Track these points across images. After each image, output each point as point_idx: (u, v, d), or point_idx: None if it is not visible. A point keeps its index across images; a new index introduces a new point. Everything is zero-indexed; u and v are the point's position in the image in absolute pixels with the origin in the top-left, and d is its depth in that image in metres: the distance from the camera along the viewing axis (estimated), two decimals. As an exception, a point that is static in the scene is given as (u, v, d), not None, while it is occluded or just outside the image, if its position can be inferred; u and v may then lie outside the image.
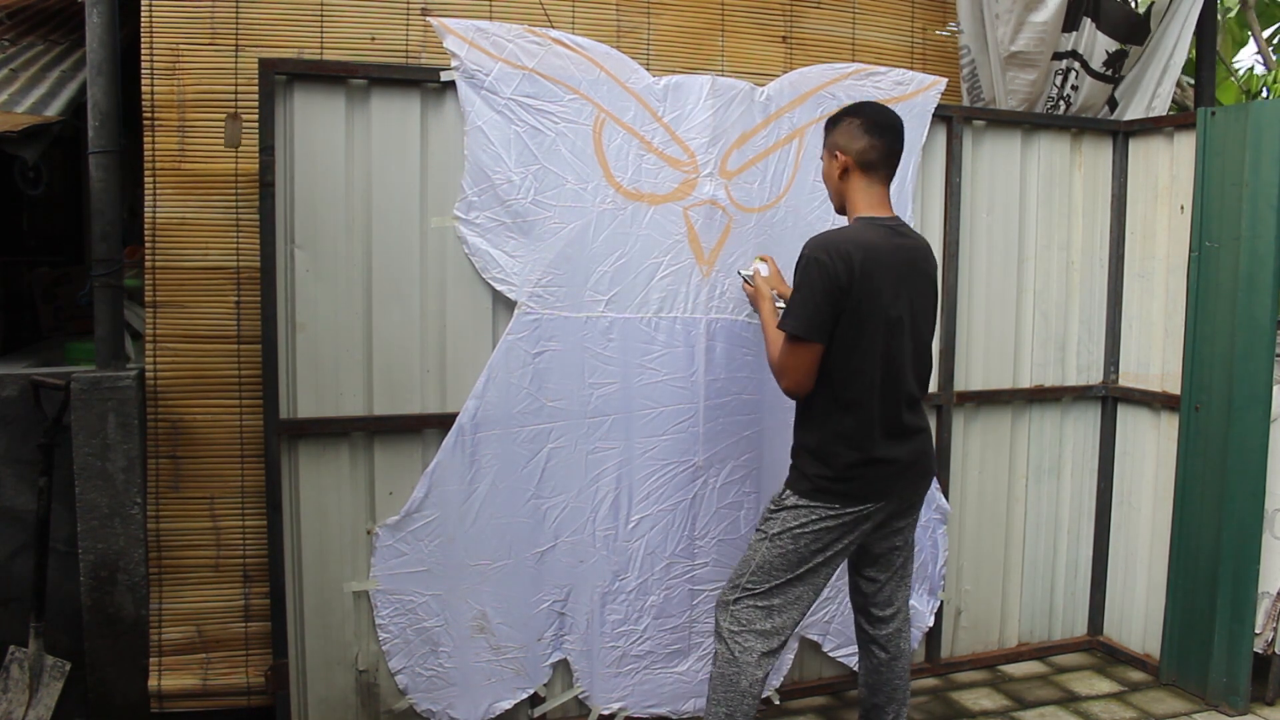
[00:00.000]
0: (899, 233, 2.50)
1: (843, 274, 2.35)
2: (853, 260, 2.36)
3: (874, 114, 2.53)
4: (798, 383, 2.44)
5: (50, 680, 3.00)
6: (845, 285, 2.36)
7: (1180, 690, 3.39)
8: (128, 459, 2.97)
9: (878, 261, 2.39)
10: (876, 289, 2.39)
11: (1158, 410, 3.54)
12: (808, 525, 2.47)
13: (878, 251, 2.40)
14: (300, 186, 2.74)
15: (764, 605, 2.50)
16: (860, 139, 2.50)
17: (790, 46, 3.58)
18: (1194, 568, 3.34)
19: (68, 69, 3.66)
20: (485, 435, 2.87)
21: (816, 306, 2.36)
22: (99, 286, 3.01)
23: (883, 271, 2.40)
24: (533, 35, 2.84)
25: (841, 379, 2.43)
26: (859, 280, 2.36)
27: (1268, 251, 3.11)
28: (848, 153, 2.51)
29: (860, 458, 2.44)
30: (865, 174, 2.51)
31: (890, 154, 2.52)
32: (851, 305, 2.37)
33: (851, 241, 2.40)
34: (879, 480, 2.47)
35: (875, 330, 2.40)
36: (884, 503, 2.50)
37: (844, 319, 2.38)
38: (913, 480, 2.56)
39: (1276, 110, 3.11)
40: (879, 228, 2.46)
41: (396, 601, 2.86)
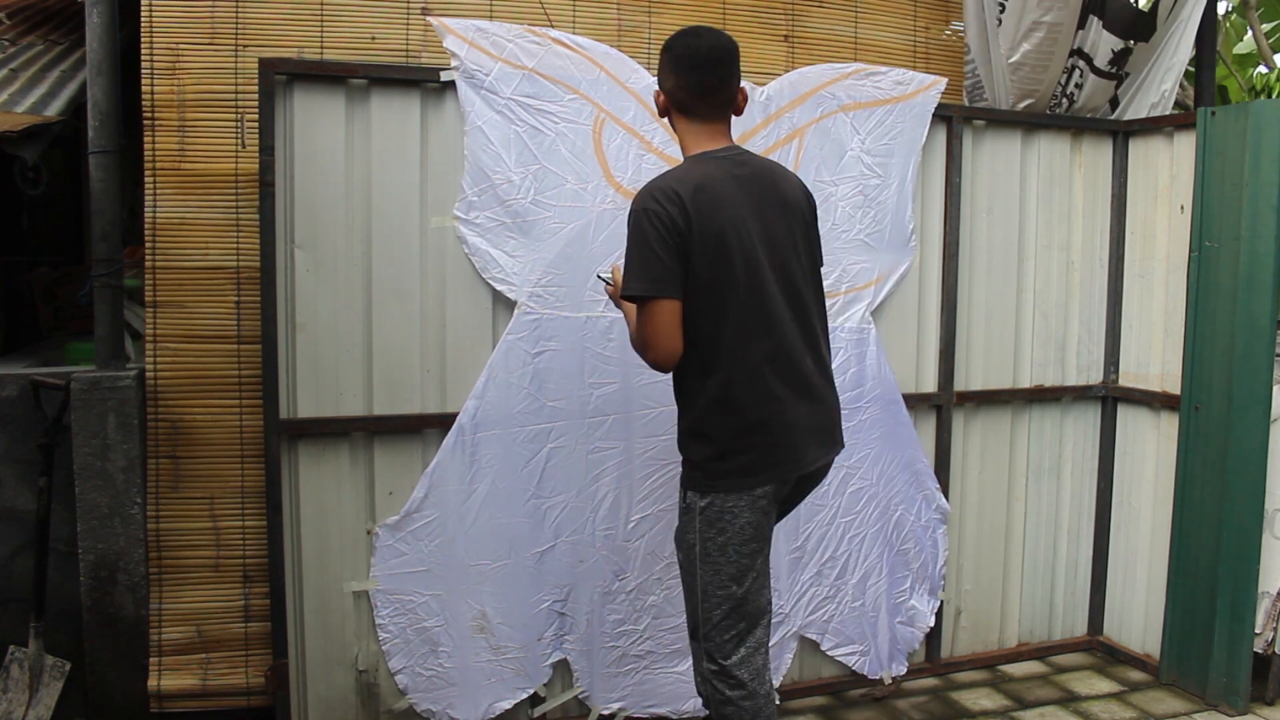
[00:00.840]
0: (739, 161, 2.22)
1: (676, 215, 2.09)
2: (682, 199, 2.09)
3: (681, 48, 2.24)
4: (664, 349, 2.12)
5: (50, 680, 3.00)
6: (681, 228, 2.09)
7: (1180, 690, 3.39)
8: (128, 459, 2.97)
9: (714, 195, 2.13)
10: (721, 224, 2.12)
11: (1158, 410, 3.54)
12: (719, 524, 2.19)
13: (712, 184, 2.14)
14: (300, 186, 2.74)
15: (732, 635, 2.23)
16: (668, 77, 2.25)
17: (792, 45, 3.58)
18: (1194, 568, 3.34)
19: (68, 69, 3.66)
20: (485, 435, 2.87)
21: (656, 257, 2.09)
22: (99, 286, 3.01)
23: (724, 202, 2.13)
24: (533, 35, 2.84)
25: (705, 338, 2.15)
26: (695, 219, 2.09)
27: (1268, 251, 3.11)
28: (662, 90, 2.28)
29: (745, 422, 2.16)
30: (684, 115, 2.25)
31: (704, 90, 2.21)
32: (696, 249, 2.10)
33: (679, 180, 2.14)
34: (776, 446, 2.19)
35: (731, 269, 2.13)
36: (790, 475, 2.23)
37: (694, 265, 2.11)
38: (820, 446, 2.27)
39: (1276, 110, 3.11)
40: (711, 160, 2.20)
41: (396, 601, 2.86)
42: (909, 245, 3.30)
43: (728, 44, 2.25)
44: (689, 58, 2.23)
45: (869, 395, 3.24)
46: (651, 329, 2.13)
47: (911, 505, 3.36)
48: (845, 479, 3.25)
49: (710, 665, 2.26)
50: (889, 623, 3.36)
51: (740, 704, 2.22)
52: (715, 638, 2.24)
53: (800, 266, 2.26)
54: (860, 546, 3.30)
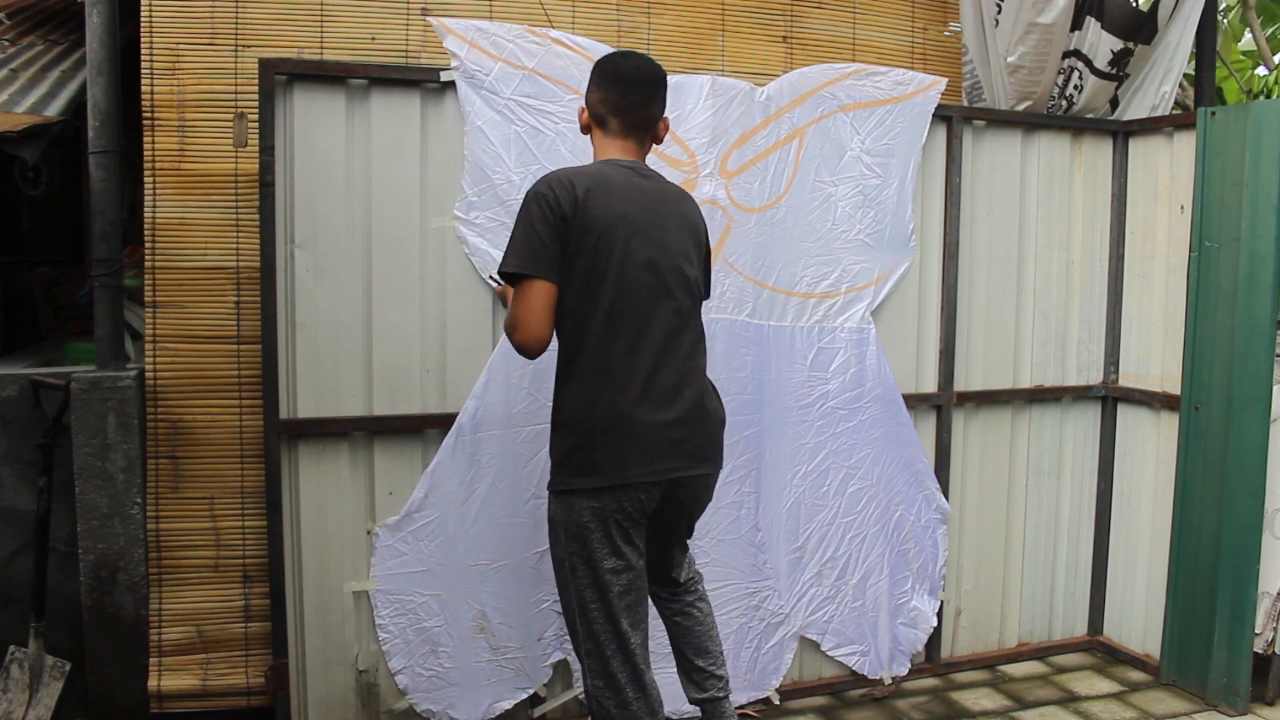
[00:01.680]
0: (642, 174, 2.26)
1: (564, 201, 2.11)
2: (575, 188, 2.12)
3: (609, 65, 2.30)
4: (531, 330, 2.10)
5: (50, 680, 3.00)
6: (567, 213, 2.10)
7: (1180, 690, 3.39)
8: (128, 459, 2.97)
9: (607, 192, 2.15)
10: (605, 217, 2.13)
11: (1158, 410, 3.54)
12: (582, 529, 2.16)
13: (608, 182, 2.16)
14: (300, 186, 2.74)
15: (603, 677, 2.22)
16: (592, 91, 2.31)
17: (791, 46, 3.58)
18: (1194, 568, 3.34)
19: (68, 69, 3.66)
20: (485, 435, 2.87)
21: (537, 237, 2.10)
22: (99, 286, 3.01)
23: (614, 199, 2.15)
24: (533, 35, 2.84)
25: (578, 329, 2.14)
26: (582, 208, 2.11)
27: (1268, 251, 3.11)
28: (586, 104, 2.35)
29: (615, 418, 2.13)
30: (601, 129, 2.30)
31: (621, 106, 2.25)
32: (577, 236, 2.11)
33: (575, 172, 2.19)
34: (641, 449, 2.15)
35: (608, 263, 2.13)
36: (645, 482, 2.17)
37: (572, 254, 2.12)
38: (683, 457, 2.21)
39: (1276, 110, 3.11)
40: (615, 165, 2.24)
41: (396, 601, 2.86)
42: (909, 245, 3.30)
43: (655, 71, 2.30)
44: (613, 73, 2.28)
45: (869, 395, 3.25)
46: (524, 309, 2.11)
47: (911, 505, 3.36)
48: (845, 479, 3.25)
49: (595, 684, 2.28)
50: (889, 623, 3.36)
51: None
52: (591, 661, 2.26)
53: (689, 278, 2.25)
54: (860, 547, 3.30)
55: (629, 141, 2.29)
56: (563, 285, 2.13)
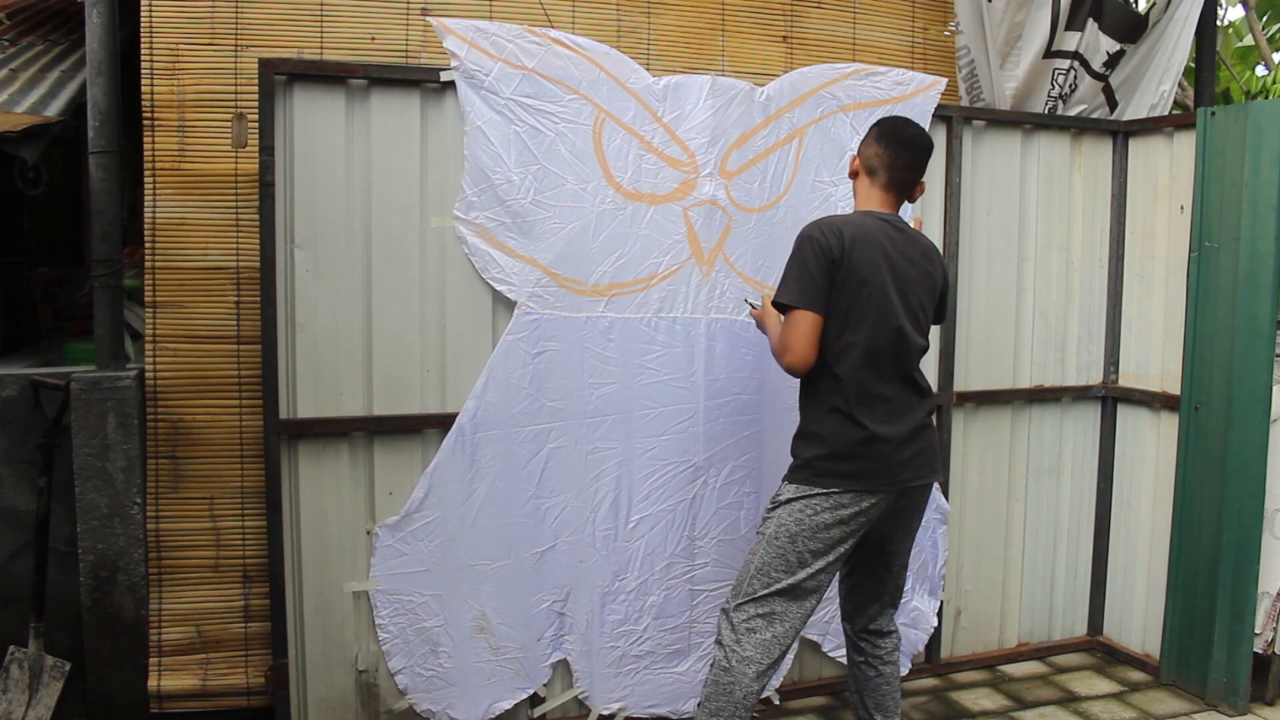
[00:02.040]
0: (896, 226, 2.54)
1: (834, 246, 2.41)
2: (844, 235, 2.43)
3: (890, 126, 2.60)
4: (799, 355, 2.43)
5: (50, 680, 3.00)
6: (836, 257, 2.41)
7: (1180, 690, 3.39)
8: (128, 459, 2.97)
9: (869, 240, 2.45)
10: (867, 264, 2.43)
11: (1157, 410, 3.54)
12: (805, 520, 2.44)
13: (870, 232, 2.47)
14: (300, 186, 2.74)
15: (764, 612, 2.46)
16: (870, 145, 2.59)
17: (791, 46, 3.58)
18: (1194, 568, 3.34)
19: (68, 69, 3.66)
20: (485, 435, 2.87)
21: (810, 277, 2.42)
22: (99, 286, 3.01)
23: (874, 250, 2.45)
24: (533, 35, 2.84)
25: (836, 354, 2.44)
26: (849, 252, 2.41)
27: (1268, 251, 3.11)
28: (860, 156, 2.62)
29: (859, 435, 2.43)
30: (869, 178, 2.59)
31: (893, 164, 2.55)
32: (842, 277, 2.42)
33: (844, 221, 2.49)
34: (878, 460, 2.44)
35: (868, 304, 2.43)
36: (883, 493, 2.46)
37: (837, 292, 2.43)
38: (915, 469, 2.50)
39: (1276, 110, 3.11)
40: (874, 217, 2.53)
41: (396, 601, 2.86)
42: (909, 245, 3.30)
43: (929, 142, 2.62)
44: (895, 135, 2.57)
45: (869, 395, 3.25)
46: (793, 336, 2.43)
47: (911, 505, 3.36)
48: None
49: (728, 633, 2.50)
50: (889, 623, 3.36)
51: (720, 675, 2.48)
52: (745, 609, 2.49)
53: (919, 326, 2.55)
54: (860, 546, 3.30)
55: (890, 195, 2.57)
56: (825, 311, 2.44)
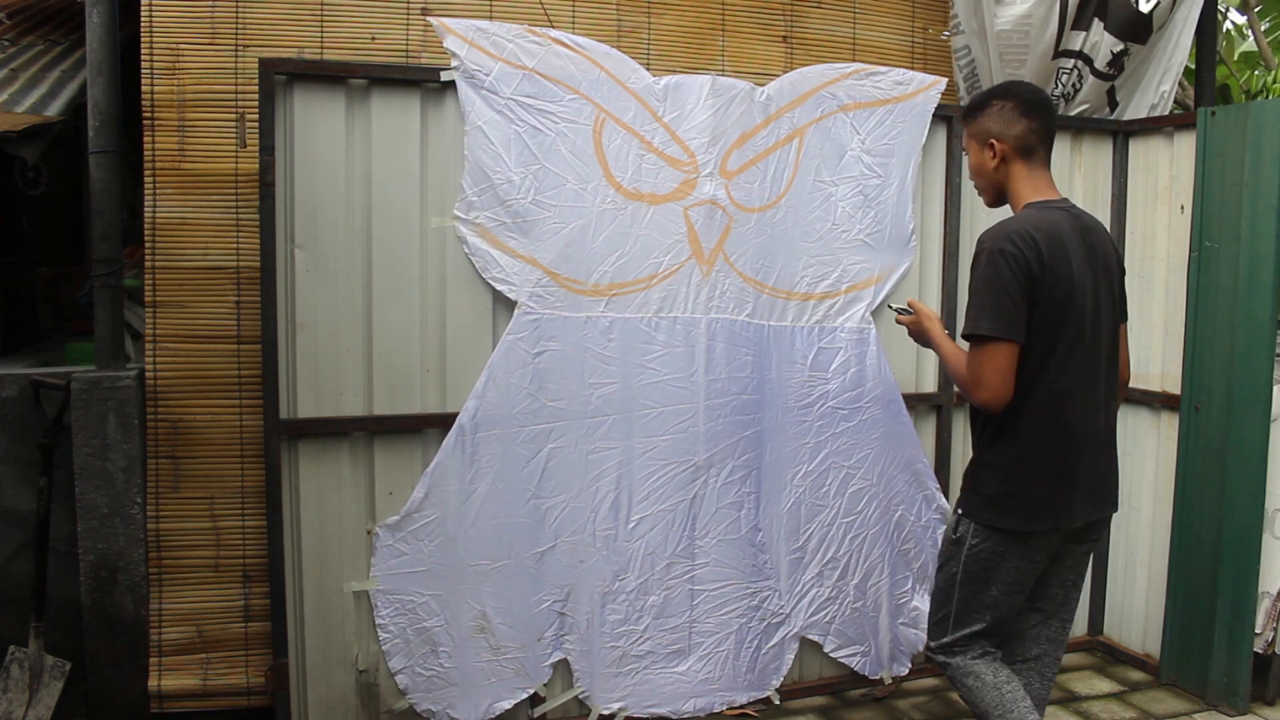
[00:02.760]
0: (1074, 215, 2.29)
1: (1033, 261, 2.12)
2: (1039, 245, 2.14)
3: (1028, 93, 2.31)
4: (999, 390, 2.14)
5: (50, 680, 3.00)
6: (1037, 274, 2.13)
7: (1180, 690, 3.39)
8: (128, 459, 2.97)
9: (1063, 244, 2.18)
10: (1068, 277, 2.17)
11: (1158, 410, 3.54)
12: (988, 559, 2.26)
13: (1062, 234, 2.19)
14: (300, 186, 2.74)
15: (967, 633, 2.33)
16: (1018, 122, 2.29)
17: (791, 46, 3.58)
18: (1194, 568, 3.34)
19: (68, 69, 3.65)
20: (485, 435, 2.87)
21: (1011, 300, 2.12)
22: (99, 286, 3.01)
23: (1069, 254, 2.18)
24: (533, 35, 2.84)
25: (1026, 382, 2.18)
26: (1050, 267, 2.14)
27: (1268, 251, 3.11)
28: (1004, 139, 2.30)
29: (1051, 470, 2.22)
30: (1025, 158, 2.30)
31: (1050, 134, 2.31)
32: (1043, 297, 2.14)
33: (1034, 226, 2.17)
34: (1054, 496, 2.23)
35: (1066, 325, 2.18)
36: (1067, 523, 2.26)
37: (1035, 314, 2.15)
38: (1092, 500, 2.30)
39: (1276, 110, 3.11)
40: (1055, 210, 2.25)
41: (396, 601, 2.86)
42: (909, 245, 3.30)
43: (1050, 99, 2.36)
44: (1038, 104, 2.29)
45: (869, 395, 3.24)
46: (991, 369, 2.14)
47: (912, 505, 3.36)
48: (846, 479, 3.25)
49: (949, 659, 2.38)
50: (890, 623, 3.36)
51: None
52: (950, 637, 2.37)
53: (1112, 325, 2.31)
54: (861, 547, 3.30)
55: (1047, 171, 2.32)
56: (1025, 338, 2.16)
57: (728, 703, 3.18)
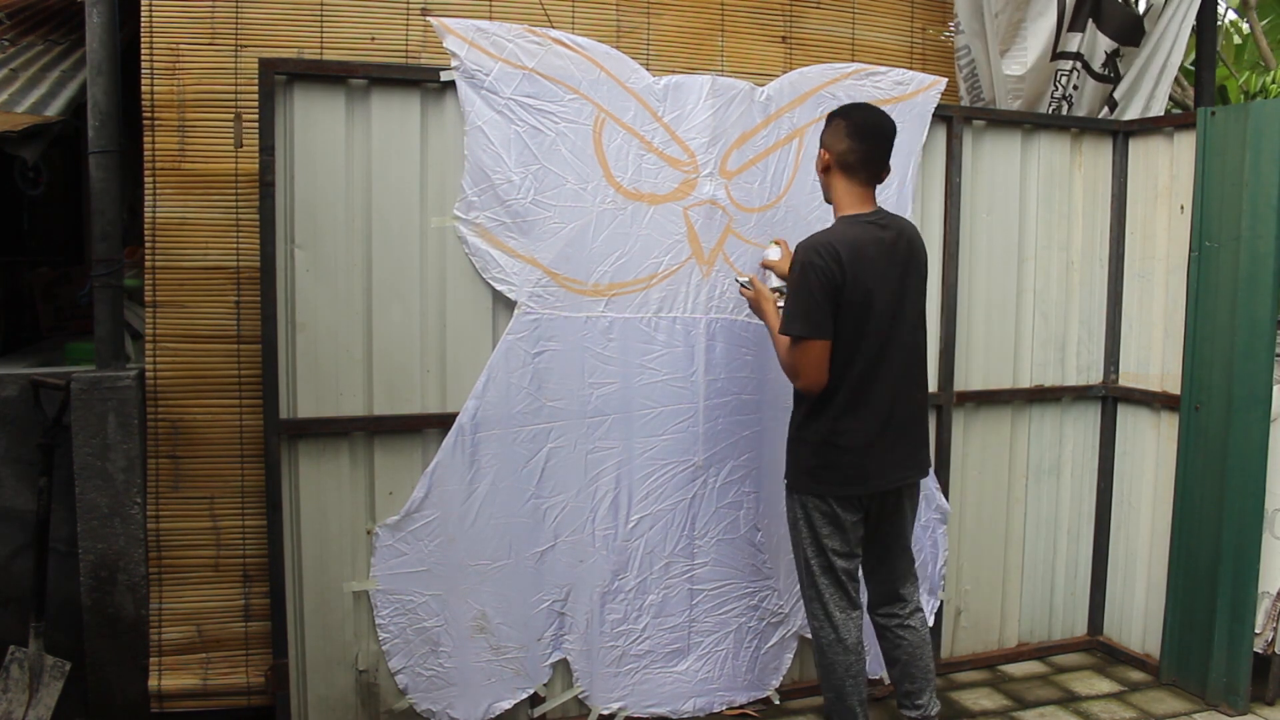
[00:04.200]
0: (881, 225, 2.61)
1: (836, 273, 2.50)
2: (841, 258, 2.50)
3: (860, 117, 2.63)
4: (814, 379, 2.55)
5: (50, 680, 3.00)
6: (839, 283, 2.50)
7: (1180, 690, 3.39)
8: (128, 459, 2.97)
9: (864, 256, 2.53)
10: (865, 283, 2.52)
11: (1158, 410, 3.54)
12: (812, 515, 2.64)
13: (863, 246, 2.55)
14: (300, 186, 2.74)
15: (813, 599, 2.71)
16: (842, 141, 2.61)
17: (790, 46, 3.58)
18: (1194, 568, 3.34)
19: (68, 69, 3.66)
20: (485, 435, 2.87)
21: (816, 305, 2.50)
22: (99, 286, 3.01)
23: (868, 265, 2.53)
24: (533, 35, 2.84)
25: (841, 371, 2.56)
26: (848, 275, 2.50)
27: (1268, 251, 3.11)
28: (830, 151, 2.64)
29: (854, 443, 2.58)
30: (844, 174, 2.63)
31: (869, 159, 2.60)
32: (845, 300, 2.51)
33: (839, 240, 2.55)
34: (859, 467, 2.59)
35: (865, 320, 2.54)
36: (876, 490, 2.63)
37: (840, 314, 2.52)
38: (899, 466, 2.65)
39: (1276, 110, 3.11)
40: (860, 224, 2.60)
41: (396, 601, 2.86)
42: (909, 245, 3.30)
43: (893, 124, 2.66)
44: (865, 129, 2.60)
45: (869, 395, 3.25)
46: (805, 363, 2.55)
47: (911, 505, 3.36)
48: (845, 479, 3.25)
49: None
50: (889, 623, 3.36)
51: None
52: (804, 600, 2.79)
53: (916, 316, 2.68)
54: (860, 546, 3.30)
55: (868, 190, 2.64)
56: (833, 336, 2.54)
57: (727, 702, 3.18)
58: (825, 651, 2.70)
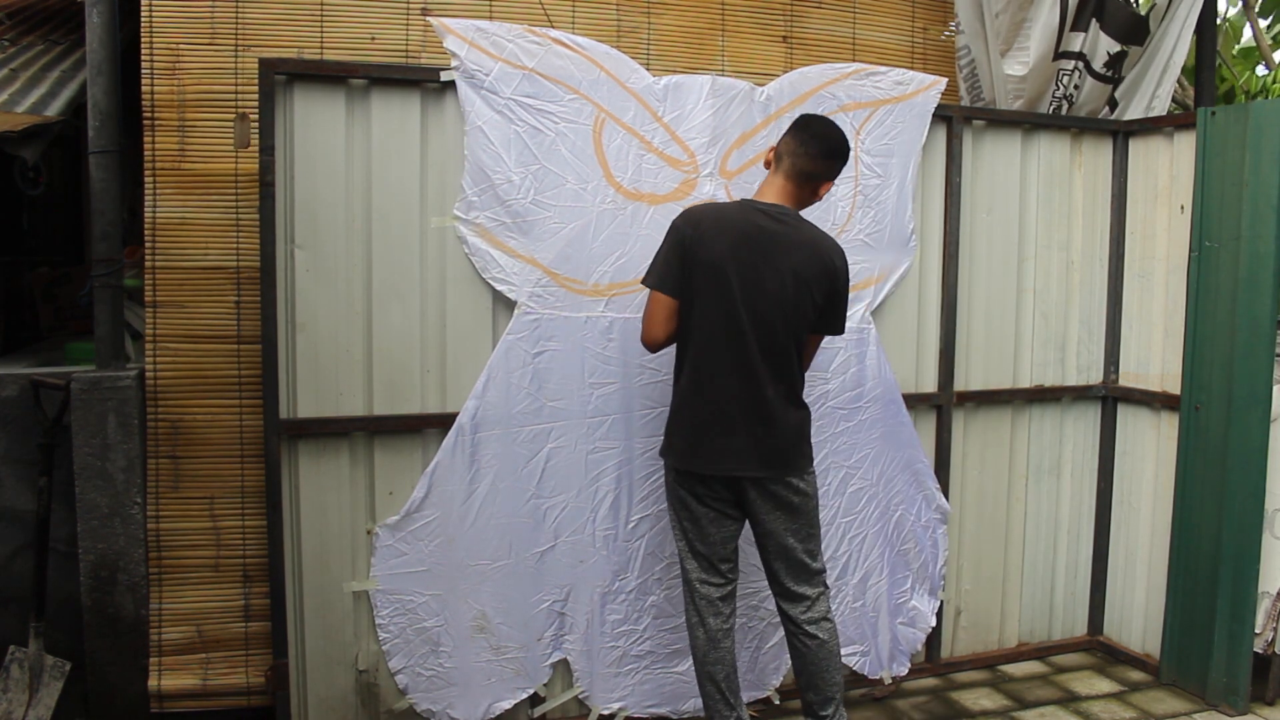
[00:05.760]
0: (771, 216, 2.60)
1: (689, 237, 2.56)
2: (701, 226, 2.57)
3: (807, 119, 2.68)
4: (649, 333, 2.64)
5: (50, 680, 3.00)
6: (690, 248, 2.55)
7: (1180, 690, 3.39)
8: (128, 459, 2.97)
9: (722, 230, 2.57)
10: (716, 255, 2.54)
11: (1158, 410, 3.54)
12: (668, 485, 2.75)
13: (729, 222, 2.59)
14: (300, 186, 2.74)
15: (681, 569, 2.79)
16: (787, 140, 2.66)
17: (791, 46, 3.58)
18: (1194, 568, 3.34)
19: (68, 69, 3.66)
20: (485, 435, 2.87)
21: (666, 261, 2.59)
22: (99, 286, 3.01)
23: (724, 240, 2.55)
24: (533, 35, 2.84)
25: (683, 350, 2.64)
26: (697, 241, 2.55)
27: (1268, 251, 3.11)
28: (775, 146, 2.70)
29: (692, 418, 2.62)
30: (775, 166, 2.67)
31: (797, 154, 2.61)
32: (691, 264, 2.56)
33: (709, 213, 2.63)
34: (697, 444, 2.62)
35: (711, 292, 2.56)
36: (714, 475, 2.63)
37: (687, 276, 2.57)
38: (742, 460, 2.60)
39: (1276, 110, 3.11)
40: (749, 208, 2.63)
41: (396, 601, 2.86)
42: (909, 245, 3.30)
43: (842, 141, 2.66)
44: (808, 126, 2.64)
45: (869, 395, 3.25)
46: (648, 313, 2.65)
47: (911, 505, 3.36)
48: (845, 479, 3.25)
49: None
50: (889, 623, 3.36)
51: None
52: None
53: (784, 318, 2.59)
54: (860, 547, 3.30)
55: (789, 185, 2.64)
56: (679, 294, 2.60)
57: (728, 703, 3.18)
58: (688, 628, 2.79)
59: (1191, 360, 3.34)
